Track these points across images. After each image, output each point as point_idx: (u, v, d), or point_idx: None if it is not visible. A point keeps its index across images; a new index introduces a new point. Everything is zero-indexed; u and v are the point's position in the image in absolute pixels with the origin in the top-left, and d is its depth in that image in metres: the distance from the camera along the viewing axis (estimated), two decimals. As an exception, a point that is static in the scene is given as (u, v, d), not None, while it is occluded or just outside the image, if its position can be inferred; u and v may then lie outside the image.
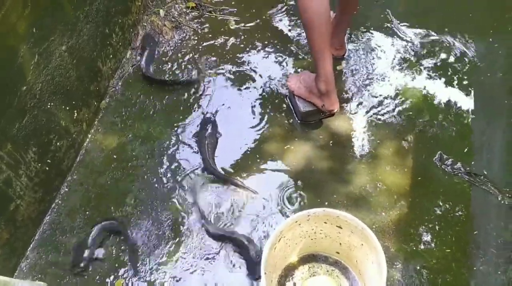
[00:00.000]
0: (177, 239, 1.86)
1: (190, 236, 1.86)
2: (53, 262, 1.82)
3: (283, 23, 2.48)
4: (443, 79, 2.26)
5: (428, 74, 2.28)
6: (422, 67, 2.30)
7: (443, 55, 2.34)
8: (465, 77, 2.26)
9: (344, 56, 2.32)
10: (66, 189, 2.00)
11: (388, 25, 2.45)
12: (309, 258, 1.74)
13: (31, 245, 1.86)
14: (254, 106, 2.20)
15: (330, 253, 1.73)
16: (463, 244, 1.80)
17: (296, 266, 1.72)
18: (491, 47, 2.35)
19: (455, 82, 2.25)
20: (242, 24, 2.49)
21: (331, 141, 2.08)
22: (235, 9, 2.54)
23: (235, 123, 2.15)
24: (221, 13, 2.53)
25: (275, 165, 2.02)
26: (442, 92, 2.21)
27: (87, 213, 1.93)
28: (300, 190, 1.96)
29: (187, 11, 2.53)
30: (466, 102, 2.18)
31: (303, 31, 2.32)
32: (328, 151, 2.06)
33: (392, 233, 1.83)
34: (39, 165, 1.84)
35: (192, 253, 1.82)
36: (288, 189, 1.96)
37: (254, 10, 2.54)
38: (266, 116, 2.17)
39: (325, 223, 1.60)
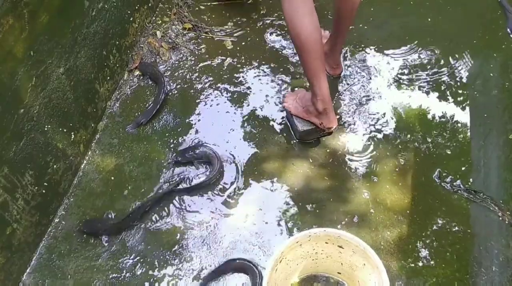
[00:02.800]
0: (176, 261, 1.84)
1: (190, 259, 1.84)
2: (50, 287, 1.80)
3: (279, 43, 2.50)
4: (438, 97, 2.27)
5: (423, 92, 2.29)
6: (417, 85, 2.32)
7: (438, 73, 2.35)
8: (461, 94, 2.27)
9: (341, 75, 2.33)
10: (63, 212, 1.97)
11: (384, 43, 2.47)
12: (311, 279, 1.72)
13: (28, 270, 1.83)
14: (252, 125, 2.20)
15: (331, 273, 1.71)
16: (464, 262, 1.79)
17: (297, 288, 1.70)
18: (485, 65, 2.37)
19: (451, 99, 2.26)
20: (239, 45, 2.50)
21: (329, 160, 2.08)
22: (231, 30, 2.56)
23: (232, 143, 2.15)
24: (217, 34, 2.55)
25: (273, 184, 2.01)
26: (438, 109, 2.22)
27: (85, 236, 1.91)
28: (299, 209, 1.94)
29: (184, 33, 2.55)
30: (462, 119, 2.18)
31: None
32: (327, 169, 2.05)
33: (393, 252, 1.82)
34: (36, 188, 1.82)
35: (189, 276, 1.80)
36: (288, 208, 1.95)
37: (249, 31, 2.56)
38: (264, 136, 2.17)
39: (326, 243, 1.59)
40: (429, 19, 2.57)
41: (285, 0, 1.77)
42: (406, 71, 2.37)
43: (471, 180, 1.99)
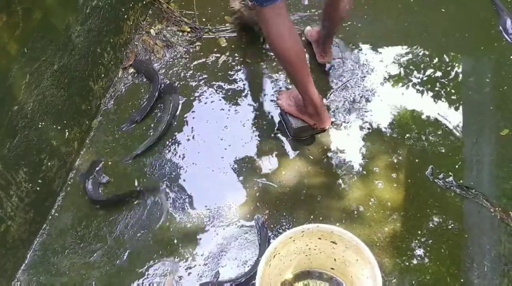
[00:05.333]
0: (170, 258, 1.84)
1: (184, 255, 1.85)
2: (44, 284, 1.79)
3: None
4: (432, 94, 2.28)
5: (417, 89, 2.30)
6: (411, 83, 2.33)
7: (431, 71, 2.37)
8: (454, 92, 2.29)
9: (329, 65, 2.35)
10: (58, 209, 1.98)
11: (378, 41, 2.48)
12: (304, 275, 1.73)
13: (22, 267, 1.83)
14: (246, 122, 2.21)
15: (325, 269, 1.72)
16: (457, 258, 1.80)
17: (291, 283, 1.71)
18: (477, 63, 2.39)
19: (444, 97, 2.27)
20: (233, 43, 2.51)
21: (323, 157, 2.09)
22: (229, 28, 2.57)
23: (227, 140, 2.16)
24: (218, 33, 2.54)
25: (268, 180, 2.02)
26: (431, 106, 2.24)
27: (79, 233, 1.91)
28: (293, 205, 1.95)
29: (179, 33, 2.55)
30: (455, 117, 2.20)
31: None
32: (321, 166, 2.06)
33: (386, 248, 1.83)
34: (30, 185, 1.82)
35: (183, 273, 1.81)
36: (282, 204, 1.96)
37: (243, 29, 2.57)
38: (258, 133, 2.18)
39: (320, 238, 1.60)
40: (423, 17, 2.58)
41: (264, 19, 1.75)
42: (400, 68, 2.38)
43: (464, 177, 2.00)
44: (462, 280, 1.75)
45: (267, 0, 1.67)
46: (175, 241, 1.88)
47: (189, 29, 2.55)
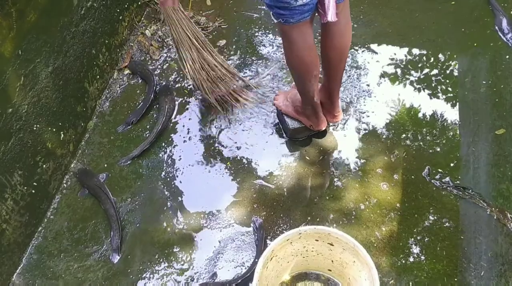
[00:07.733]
0: (166, 259, 1.83)
1: (181, 257, 1.84)
2: (40, 287, 1.79)
3: (271, 40, 2.50)
4: (428, 94, 2.28)
5: (413, 90, 2.30)
6: (407, 83, 2.33)
7: (427, 71, 2.37)
8: (450, 92, 2.29)
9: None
10: (53, 212, 1.96)
11: (373, 41, 2.48)
12: (302, 277, 1.72)
13: (18, 270, 1.82)
14: (243, 124, 2.20)
15: (322, 271, 1.72)
16: (453, 258, 1.80)
17: (289, 285, 1.70)
18: (474, 63, 2.39)
19: (440, 97, 2.28)
20: (230, 42, 2.50)
21: (320, 158, 2.09)
22: (225, 28, 2.56)
23: (223, 141, 2.15)
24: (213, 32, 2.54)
25: (264, 182, 2.02)
26: (428, 106, 2.24)
27: (75, 236, 1.90)
28: (290, 207, 1.95)
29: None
30: (452, 116, 2.20)
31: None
32: (318, 167, 2.06)
33: (384, 249, 1.83)
34: (25, 188, 1.81)
35: (180, 275, 1.80)
36: (278, 206, 1.95)
37: (242, 29, 2.56)
38: (255, 133, 2.17)
39: (317, 240, 1.59)
40: (419, 17, 2.58)
41: (286, 36, 1.71)
42: (396, 68, 2.38)
43: (460, 176, 2.00)
44: (459, 280, 1.75)
45: (293, 17, 1.59)
46: (172, 243, 1.87)
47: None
